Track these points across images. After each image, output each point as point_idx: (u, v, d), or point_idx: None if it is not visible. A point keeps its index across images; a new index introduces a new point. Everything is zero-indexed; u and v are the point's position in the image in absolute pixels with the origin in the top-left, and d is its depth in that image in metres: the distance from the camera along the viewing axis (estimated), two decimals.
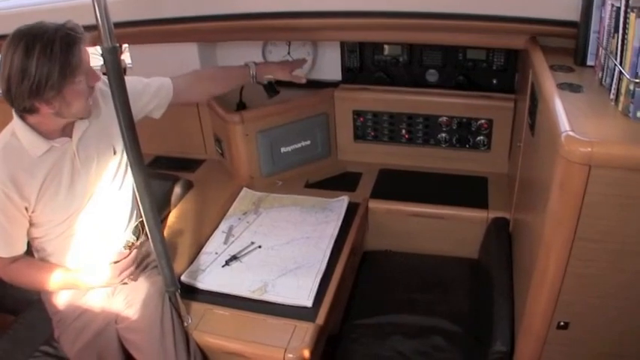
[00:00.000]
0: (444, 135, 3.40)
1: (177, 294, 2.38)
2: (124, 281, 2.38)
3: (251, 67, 3.00)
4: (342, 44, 3.44)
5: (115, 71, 1.90)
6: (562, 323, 2.02)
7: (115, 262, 2.33)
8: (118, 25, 1.91)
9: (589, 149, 1.64)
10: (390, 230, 3.24)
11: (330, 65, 3.45)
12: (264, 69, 3.07)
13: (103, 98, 2.38)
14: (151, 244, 2.21)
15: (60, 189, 2.25)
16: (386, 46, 3.38)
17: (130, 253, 2.37)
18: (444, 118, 3.35)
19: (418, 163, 3.50)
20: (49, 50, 1.98)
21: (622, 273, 1.86)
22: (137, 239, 2.50)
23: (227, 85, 3.06)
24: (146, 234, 2.31)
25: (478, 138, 3.35)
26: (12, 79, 1.99)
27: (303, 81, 3.16)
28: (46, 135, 2.19)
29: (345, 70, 3.51)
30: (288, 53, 3.55)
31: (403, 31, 2.97)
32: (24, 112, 2.12)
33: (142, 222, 2.47)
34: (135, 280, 2.47)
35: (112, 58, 1.89)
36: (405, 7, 2.75)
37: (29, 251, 2.39)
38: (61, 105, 2.08)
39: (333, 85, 3.50)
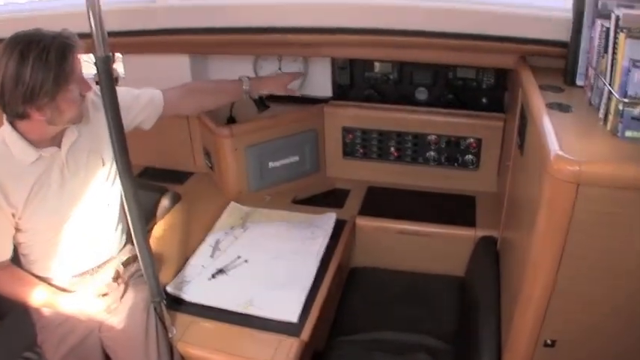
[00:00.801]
0: (432, 153, 3.40)
1: (163, 304, 2.37)
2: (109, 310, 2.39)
3: (245, 82, 2.97)
4: (333, 61, 3.45)
5: (107, 80, 1.91)
6: (549, 341, 2.01)
7: (104, 295, 2.36)
8: (111, 34, 1.92)
9: (577, 168, 1.65)
10: (378, 247, 3.23)
11: (320, 81, 3.45)
12: (258, 84, 3.05)
13: (94, 109, 2.37)
14: (138, 254, 2.20)
15: (48, 197, 2.24)
16: (376, 64, 3.39)
17: (118, 286, 2.42)
18: (433, 137, 3.35)
19: (407, 180, 3.50)
20: (44, 57, 1.97)
21: (609, 291, 1.86)
22: (124, 269, 2.52)
23: (219, 99, 3.05)
24: (134, 258, 2.35)
25: (467, 157, 3.35)
26: (6, 84, 1.98)
27: (298, 94, 3.17)
28: (35, 143, 2.17)
29: (335, 86, 3.52)
30: (279, 69, 3.54)
31: (393, 48, 2.99)
32: (15, 118, 2.11)
33: (134, 256, 2.49)
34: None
35: (105, 67, 1.90)
36: (395, 25, 2.78)
37: (16, 256, 2.37)
38: (53, 112, 2.07)
39: (323, 101, 3.50)
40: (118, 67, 3.61)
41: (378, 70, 3.40)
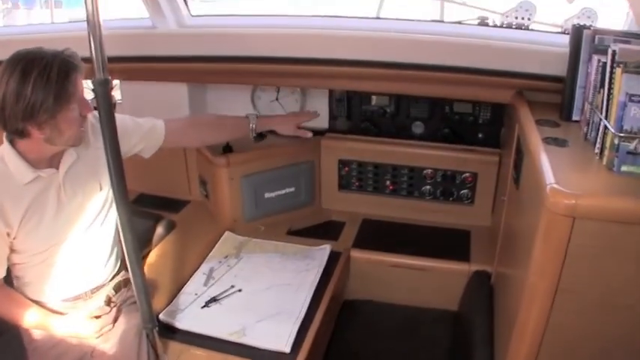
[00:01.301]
0: (428, 187, 3.40)
1: (155, 331, 2.34)
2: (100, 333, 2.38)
3: (251, 120, 2.97)
4: (331, 93, 3.46)
5: (106, 103, 1.90)
6: None
7: (96, 317, 2.36)
8: (109, 59, 1.91)
9: (573, 201, 1.65)
10: (372, 280, 3.21)
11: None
12: (266, 123, 3.05)
13: (94, 133, 2.37)
14: (131, 280, 2.19)
15: (43, 219, 2.23)
16: (373, 97, 3.40)
17: (110, 310, 2.42)
18: (429, 171, 3.35)
19: (402, 214, 3.49)
20: (45, 75, 1.98)
21: (603, 325, 1.85)
22: (116, 294, 2.52)
23: (223, 135, 3.06)
24: (125, 282, 2.37)
25: (462, 191, 3.35)
26: (7, 100, 1.99)
27: (309, 135, 3.16)
28: (33, 163, 2.17)
29: (332, 118, 3.52)
30: (277, 99, 3.56)
31: (390, 81, 3.00)
32: (15, 136, 2.11)
33: (125, 280, 2.51)
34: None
35: (103, 90, 1.89)
36: (392, 58, 2.79)
37: (9, 278, 2.37)
38: (52, 131, 2.07)
39: (320, 133, 3.50)
40: (116, 93, 3.61)
41: (375, 103, 3.41)
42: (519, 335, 1.97)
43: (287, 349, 2.44)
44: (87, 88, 2.16)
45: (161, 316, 2.59)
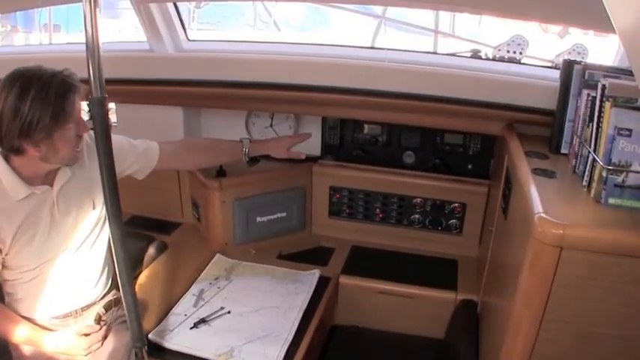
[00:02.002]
0: (417, 216, 3.41)
1: (144, 350, 2.32)
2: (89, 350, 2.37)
3: (245, 145, 2.96)
4: (324, 120, 3.48)
5: (102, 122, 1.90)
6: None
7: (86, 335, 2.35)
8: (107, 81, 1.91)
9: (561, 231, 1.65)
10: (360, 306, 3.20)
11: (310, 140, 3.44)
12: (259, 147, 3.04)
13: (89, 153, 2.37)
14: (122, 298, 2.18)
15: (36, 236, 2.23)
16: (366, 125, 3.42)
17: (100, 328, 2.41)
18: (419, 200, 3.37)
19: (390, 242, 3.50)
20: (43, 94, 1.99)
21: (587, 355, 1.84)
22: (106, 313, 2.52)
23: (216, 158, 3.07)
24: (116, 302, 2.41)
25: (451, 221, 3.36)
26: (4, 116, 1.99)
27: (302, 156, 3.15)
28: (27, 180, 2.17)
29: (324, 146, 3.53)
30: (271, 125, 3.57)
31: (383, 110, 3.01)
32: (10, 153, 2.11)
33: (116, 299, 2.51)
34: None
35: (100, 108, 1.89)
36: (385, 87, 2.81)
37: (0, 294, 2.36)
38: (48, 150, 2.07)
39: (312, 160, 3.51)
40: (111, 116, 3.60)
41: (367, 132, 3.42)
42: None
43: None
44: (83, 110, 2.17)
45: (150, 336, 2.58)
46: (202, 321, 2.72)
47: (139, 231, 3.46)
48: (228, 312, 2.80)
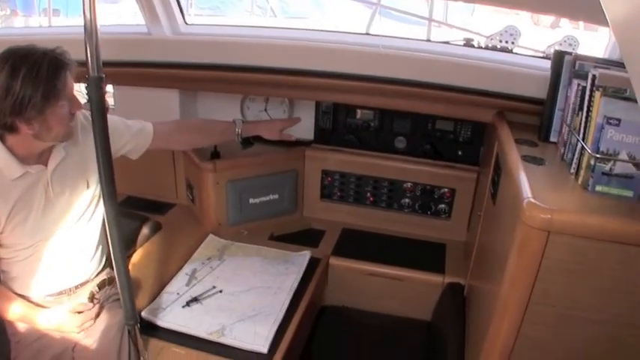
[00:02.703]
0: (407, 200, 3.40)
1: (137, 328, 2.33)
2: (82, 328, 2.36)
3: (238, 125, 2.94)
4: (317, 105, 3.46)
5: (98, 102, 1.88)
6: None
7: (79, 312, 2.34)
8: (104, 63, 1.89)
9: (549, 216, 1.65)
10: (349, 287, 3.20)
11: (303, 124, 3.42)
12: (251, 128, 3.02)
13: (83, 132, 2.35)
14: (116, 277, 2.16)
15: (30, 215, 2.21)
16: (358, 111, 3.40)
17: (93, 306, 2.41)
18: (409, 184, 3.36)
19: (380, 225, 3.49)
20: (35, 72, 1.96)
21: (571, 338, 1.85)
22: (99, 291, 2.51)
23: (210, 139, 3.04)
24: (110, 280, 2.42)
25: (440, 206, 3.36)
26: None
27: (293, 139, 3.15)
28: (22, 159, 2.15)
29: (317, 130, 3.51)
30: (265, 109, 3.55)
31: (376, 96, 3.00)
32: (4, 131, 2.08)
33: (110, 278, 2.52)
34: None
35: (97, 88, 1.87)
36: (378, 73, 2.80)
37: None
38: (40, 127, 2.05)
39: (305, 143, 3.50)
40: (109, 99, 3.57)
41: (360, 117, 3.40)
42: (490, 346, 1.96)
43: (264, 350, 2.43)
44: (80, 92, 2.14)
45: (143, 314, 2.57)
46: (194, 300, 2.71)
47: (133, 211, 3.45)
48: (220, 291, 2.79)
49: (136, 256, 3.08)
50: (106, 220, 2.09)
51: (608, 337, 1.82)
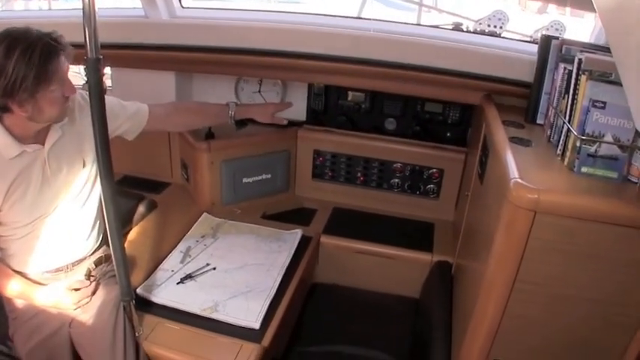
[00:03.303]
0: (397, 180, 3.40)
1: (132, 304, 2.33)
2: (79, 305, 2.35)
3: (231, 108, 2.94)
4: (310, 87, 3.45)
5: (96, 83, 1.87)
6: None
7: (75, 289, 2.33)
8: (102, 45, 1.88)
9: (535, 196, 1.66)
10: (339, 265, 3.20)
11: (296, 105, 3.41)
12: (244, 111, 3.03)
13: (80, 112, 2.33)
14: (112, 254, 2.16)
15: (27, 193, 2.19)
16: (350, 93, 3.38)
17: (90, 284, 2.39)
18: (398, 165, 3.36)
19: (370, 204, 3.50)
20: (28, 55, 1.94)
21: (556, 316, 1.86)
22: (96, 268, 2.50)
23: (204, 121, 3.05)
24: (106, 258, 2.43)
25: (429, 186, 3.36)
26: None
27: (285, 122, 3.15)
28: (19, 139, 2.13)
29: (310, 111, 3.50)
30: (259, 91, 3.53)
31: (367, 78, 2.98)
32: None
33: (107, 256, 2.50)
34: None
35: (95, 69, 1.86)
36: (369, 56, 2.79)
37: None
38: (33, 110, 2.03)
39: (298, 124, 3.49)
40: (107, 80, 3.55)
41: (351, 99, 3.39)
42: (477, 322, 1.97)
43: (256, 326, 2.43)
44: (78, 73, 2.13)
45: (138, 290, 2.58)
46: (188, 276, 2.71)
47: (129, 190, 3.44)
48: (214, 268, 2.79)
49: (132, 234, 3.07)
50: (102, 199, 2.08)
51: (593, 315, 1.84)
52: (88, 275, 2.42)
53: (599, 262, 1.73)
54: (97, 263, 2.51)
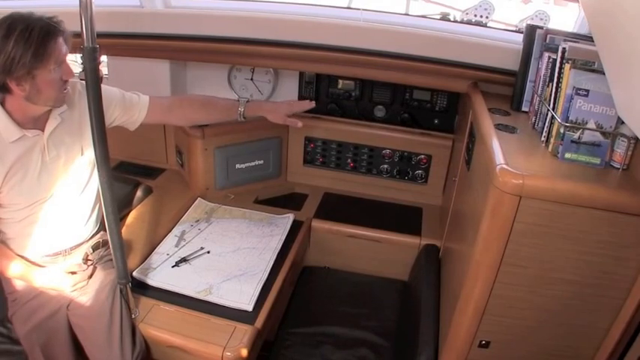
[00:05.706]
0: (386, 166, 3.40)
1: (128, 287, 2.35)
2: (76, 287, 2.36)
3: (241, 104, 2.75)
4: (301, 75, 3.44)
5: (92, 71, 1.88)
6: (483, 342, 2.01)
7: (73, 273, 2.34)
8: (99, 35, 1.89)
9: (520, 181, 1.67)
10: (330, 248, 3.22)
11: (287, 93, 3.42)
12: (255, 109, 2.79)
13: (80, 100, 2.32)
14: (109, 238, 2.17)
15: (27, 176, 2.19)
16: (340, 81, 3.38)
17: (87, 268, 2.40)
18: (388, 151, 3.35)
19: (360, 189, 3.51)
20: (27, 33, 1.95)
21: (541, 297, 1.87)
22: (93, 252, 2.50)
23: (210, 116, 2.82)
24: (103, 243, 2.44)
25: (417, 171, 3.36)
26: None
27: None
28: (20, 123, 2.13)
29: (301, 99, 3.47)
30: (251, 79, 3.52)
31: (356, 66, 2.97)
32: None
33: (104, 241, 2.50)
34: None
35: (91, 58, 1.87)
36: (359, 45, 2.78)
37: None
38: (31, 89, 2.02)
39: None
40: (103, 69, 3.53)
41: (341, 87, 3.38)
42: (464, 304, 1.98)
43: (249, 308, 2.45)
44: (75, 61, 2.11)
45: (134, 274, 2.58)
46: (183, 260, 2.71)
47: (126, 175, 3.44)
48: (208, 252, 2.79)
49: (128, 219, 3.07)
50: (99, 185, 2.08)
51: (572, 296, 1.86)
52: (86, 259, 2.42)
53: (578, 245, 1.75)
54: (95, 248, 2.50)
